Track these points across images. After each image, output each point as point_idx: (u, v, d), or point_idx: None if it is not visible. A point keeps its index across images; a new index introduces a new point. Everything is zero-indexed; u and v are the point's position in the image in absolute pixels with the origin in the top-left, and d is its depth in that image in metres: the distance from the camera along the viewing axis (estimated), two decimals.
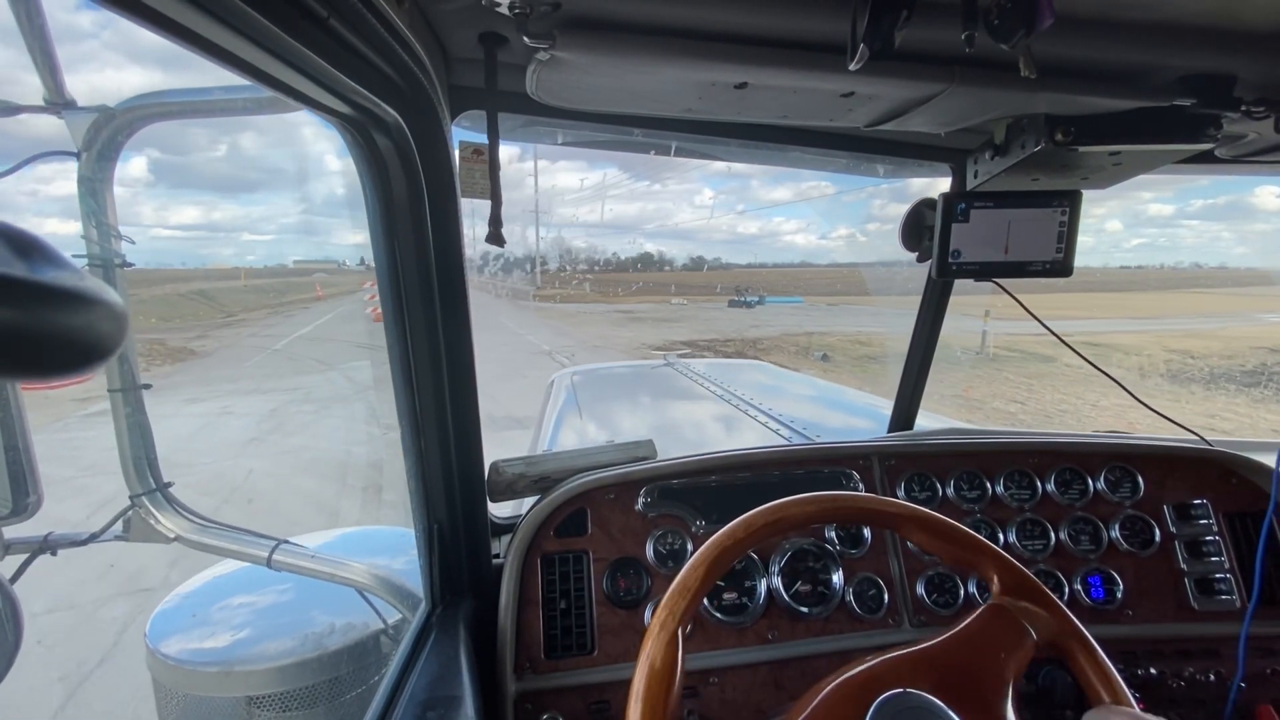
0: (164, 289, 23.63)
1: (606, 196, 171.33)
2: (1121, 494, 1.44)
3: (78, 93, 1.20)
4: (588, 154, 8.29)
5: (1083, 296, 35.74)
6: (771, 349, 17.29)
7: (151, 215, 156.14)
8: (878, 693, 0.72)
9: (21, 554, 1.34)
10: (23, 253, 0.23)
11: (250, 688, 1.52)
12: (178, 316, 19.56)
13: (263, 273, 25.40)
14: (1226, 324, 23.85)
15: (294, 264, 21.00)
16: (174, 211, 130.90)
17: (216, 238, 61.82)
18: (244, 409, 8.39)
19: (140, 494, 1.48)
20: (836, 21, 0.79)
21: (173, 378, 10.76)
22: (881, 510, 0.91)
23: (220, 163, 50.42)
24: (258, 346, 15.23)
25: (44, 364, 0.23)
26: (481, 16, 0.85)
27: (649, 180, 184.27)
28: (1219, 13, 0.81)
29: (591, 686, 1.22)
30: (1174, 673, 1.32)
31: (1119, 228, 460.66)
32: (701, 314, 30.62)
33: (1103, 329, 21.85)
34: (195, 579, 1.93)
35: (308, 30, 0.61)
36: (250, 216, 61.78)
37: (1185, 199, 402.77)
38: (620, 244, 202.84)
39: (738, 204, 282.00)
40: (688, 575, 0.82)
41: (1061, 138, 1.05)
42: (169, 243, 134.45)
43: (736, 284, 41.60)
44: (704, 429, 3.20)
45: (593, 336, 20.53)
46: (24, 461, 1.15)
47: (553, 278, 40.50)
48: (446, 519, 1.21)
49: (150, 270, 33.48)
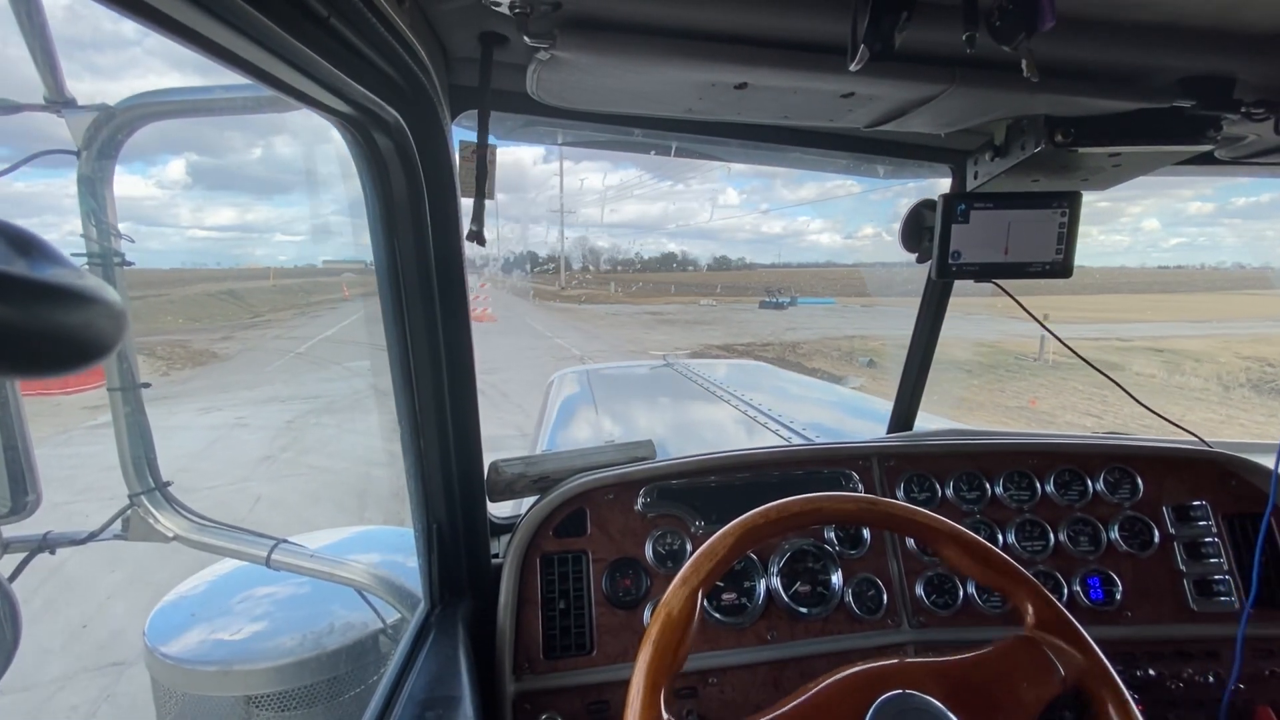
0: (195, 289, 23.57)
1: (629, 196, 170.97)
2: (1121, 495, 1.44)
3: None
4: (610, 155, 8.23)
5: (1127, 298, 34.78)
6: (812, 354, 16.61)
7: (189, 216, 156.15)
8: (883, 692, 0.73)
9: (20, 552, 1.34)
10: (22, 251, 0.23)
11: (249, 687, 1.52)
12: (206, 316, 19.47)
13: (292, 272, 25.40)
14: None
15: (323, 264, 21.06)
16: (210, 212, 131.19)
17: (250, 238, 62.89)
18: (260, 421, 7.99)
19: (139, 493, 1.48)
20: (837, 22, 0.79)
21: (191, 383, 10.42)
22: (922, 523, 0.89)
23: (255, 164, 50.28)
24: (281, 349, 14.86)
25: (42, 361, 0.23)
26: (482, 16, 0.85)
27: (672, 180, 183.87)
28: (1219, 14, 0.81)
29: (590, 687, 1.22)
30: (1173, 674, 1.32)
31: (1156, 226, 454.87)
32: (733, 315, 29.94)
33: (1163, 333, 20.88)
34: (194, 578, 1.93)
35: (308, 30, 0.61)
36: (283, 217, 62.67)
37: (1226, 196, 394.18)
38: (643, 244, 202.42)
39: (761, 203, 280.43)
40: (717, 541, 0.84)
41: (1061, 139, 1.05)
42: (204, 243, 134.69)
43: (766, 284, 41.08)
44: (703, 429, 3.20)
45: (624, 340, 20.00)
46: (23, 460, 1.15)
47: (572, 277, 40.29)
48: (446, 519, 1.21)
49: (185, 270, 33.21)
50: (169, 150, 39.11)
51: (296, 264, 31.60)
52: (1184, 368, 14.48)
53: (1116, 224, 39.67)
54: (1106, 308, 21.77)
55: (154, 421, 1.47)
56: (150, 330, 15.10)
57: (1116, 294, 33.54)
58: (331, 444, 7.06)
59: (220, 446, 6.92)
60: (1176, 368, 14.43)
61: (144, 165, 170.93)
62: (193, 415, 8.06)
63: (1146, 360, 15.43)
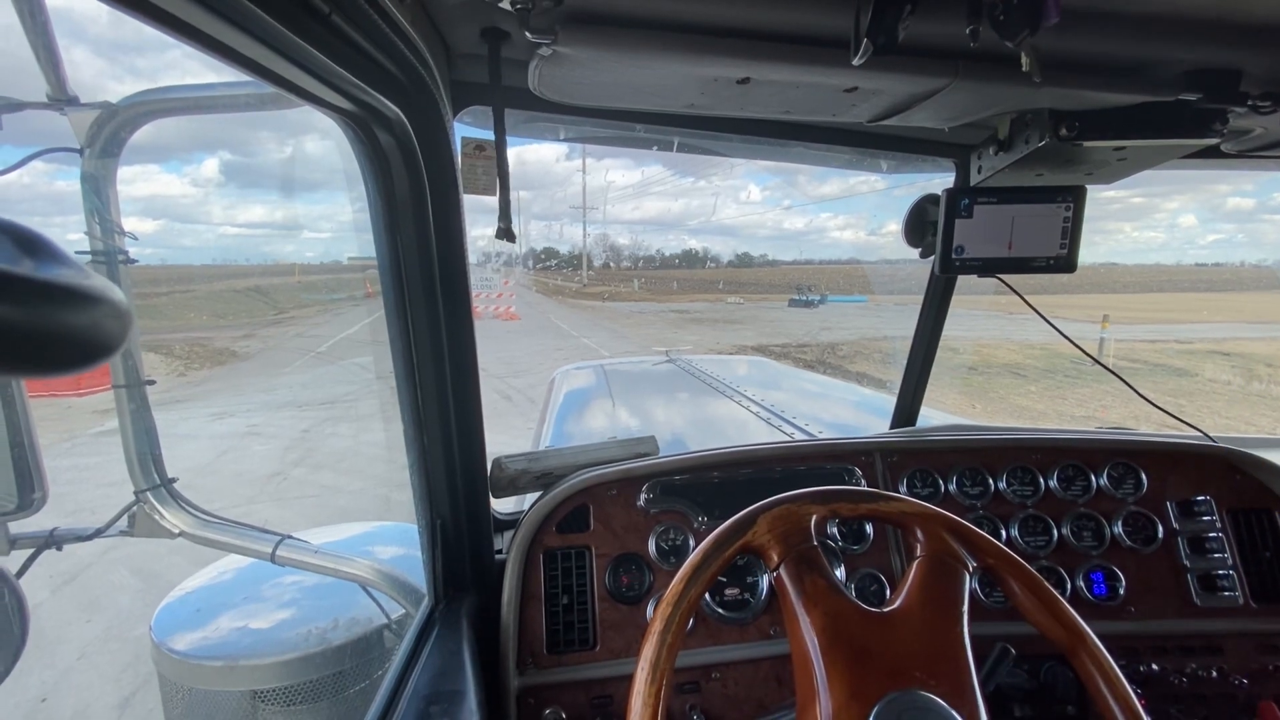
0: (221, 285, 23.47)
1: (650, 193, 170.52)
2: (1124, 490, 1.43)
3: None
4: (632, 152, 7.86)
5: (1175, 297, 33.43)
6: (853, 355, 15.90)
7: (221, 214, 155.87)
8: None
9: (27, 549, 1.35)
10: (28, 250, 0.23)
11: (255, 682, 1.53)
12: (230, 314, 19.34)
13: (317, 269, 25.40)
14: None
15: (348, 260, 21.08)
16: (242, 210, 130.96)
17: (278, 235, 62.63)
18: (273, 429, 7.50)
19: (145, 489, 1.48)
20: (840, 16, 0.78)
21: (207, 384, 9.95)
22: (986, 546, 0.88)
23: (287, 164, 50.11)
24: (301, 349, 14.32)
25: (48, 361, 0.23)
26: (483, 12, 0.85)
27: (694, 177, 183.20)
28: (1225, 7, 0.80)
29: (594, 681, 1.22)
30: (1176, 669, 1.32)
31: (1193, 222, 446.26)
32: (762, 314, 28.96)
33: (1223, 334, 19.74)
34: (200, 574, 1.94)
35: (310, 26, 0.60)
36: (310, 214, 62.42)
37: (1268, 192, 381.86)
38: (666, 240, 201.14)
39: (784, 199, 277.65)
40: (755, 509, 0.87)
41: (1066, 133, 1.05)
42: (235, 240, 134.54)
43: (795, 282, 40.36)
44: (706, 425, 3.20)
45: (652, 340, 19.35)
46: (29, 457, 1.16)
47: (595, 275, 39.81)
48: (449, 514, 1.22)
49: (214, 266, 32.96)
50: (203, 149, 38.99)
51: (321, 260, 31.47)
52: (1259, 373, 13.63)
53: (1152, 220, 38.24)
54: (1157, 307, 20.88)
55: (163, 429, 1.47)
56: (175, 327, 14.87)
57: (1160, 293, 32.45)
58: (347, 459, 6.65)
59: (229, 459, 6.51)
60: (1251, 374, 13.64)
61: (179, 164, 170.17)
62: (204, 421, 7.62)
63: (1216, 365, 14.57)
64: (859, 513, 0.91)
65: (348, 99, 0.80)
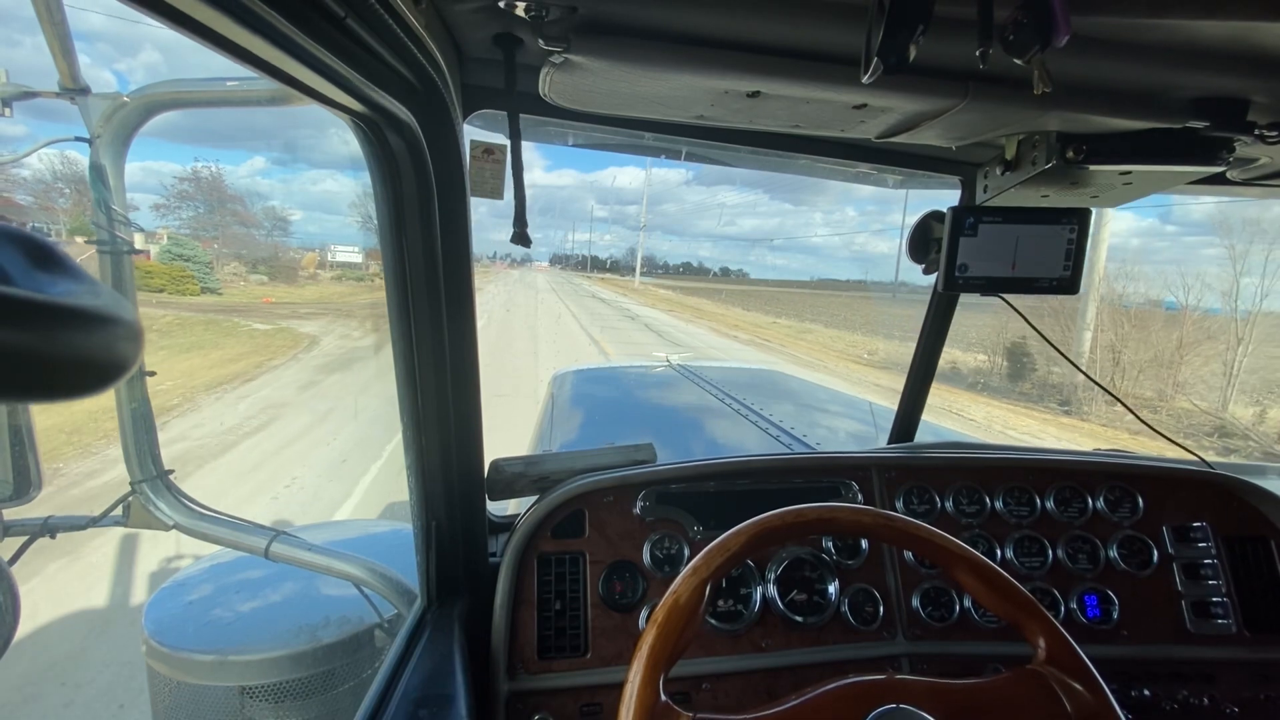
0: None
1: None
2: (1121, 514, 1.43)
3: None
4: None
5: None
6: None
7: None
8: (879, 706, 0.73)
9: (21, 536, 1.35)
10: (39, 262, 0.23)
11: (243, 678, 1.53)
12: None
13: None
14: None
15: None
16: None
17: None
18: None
19: (140, 480, 1.48)
20: (851, 34, 0.79)
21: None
22: (939, 545, 0.88)
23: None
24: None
25: (61, 387, 0.22)
26: (498, 18, 0.86)
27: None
28: (1234, 37, 0.80)
29: (584, 688, 1.22)
30: (1168, 695, 1.31)
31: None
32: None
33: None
34: (192, 567, 1.94)
35: (325, 29, 0.61)
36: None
37: None
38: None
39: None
40: (730, 537, 0.85)
41: (1073, 155, 1.05)
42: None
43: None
44: (704, 433, 3.19)
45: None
46: (26, 444, 1.16)
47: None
48: (445, 517, 1.22)
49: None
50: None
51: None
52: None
53: None
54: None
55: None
56: None
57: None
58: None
59: None
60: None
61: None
62: None
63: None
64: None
65: (360, 102, 0.80)
